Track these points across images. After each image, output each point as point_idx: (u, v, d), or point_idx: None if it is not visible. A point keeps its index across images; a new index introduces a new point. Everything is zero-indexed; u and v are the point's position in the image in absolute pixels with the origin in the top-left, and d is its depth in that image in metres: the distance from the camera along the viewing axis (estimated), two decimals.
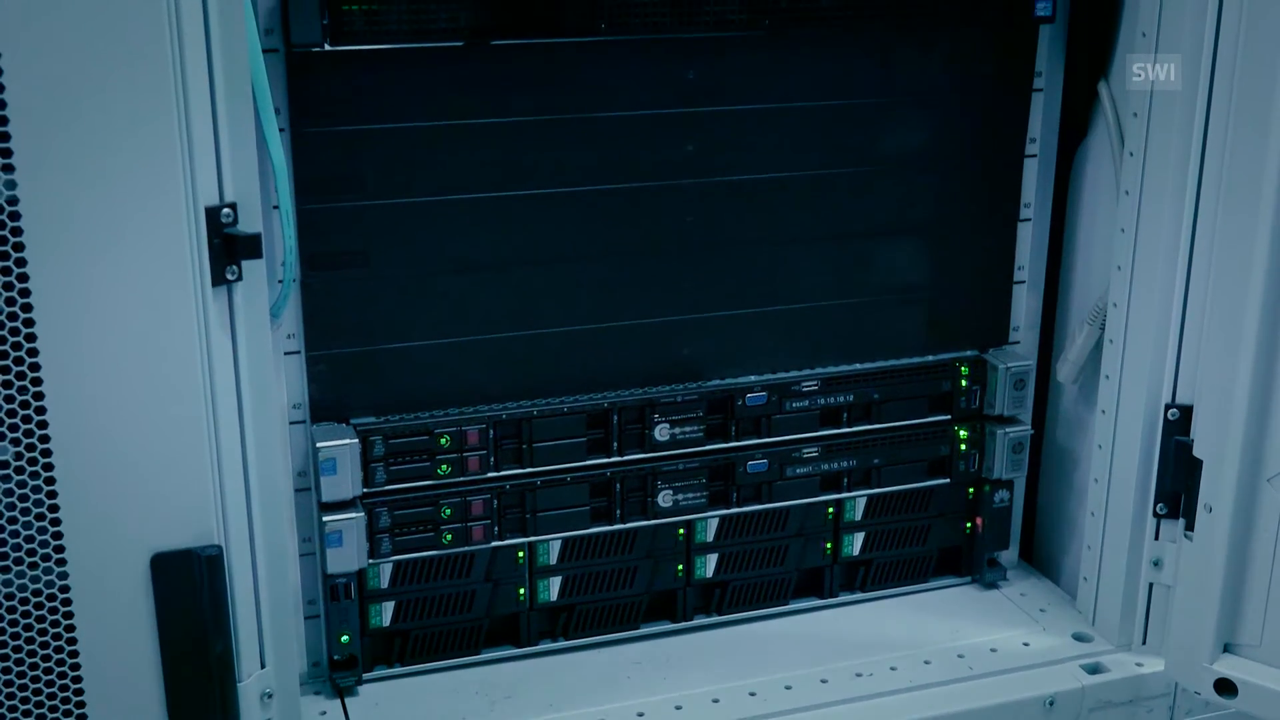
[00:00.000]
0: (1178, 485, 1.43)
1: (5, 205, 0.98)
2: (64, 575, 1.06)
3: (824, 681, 1.48)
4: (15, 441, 1.03)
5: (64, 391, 1.03)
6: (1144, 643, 1.52)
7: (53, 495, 1.04)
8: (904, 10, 1.44)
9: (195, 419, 1.08)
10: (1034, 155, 1.57)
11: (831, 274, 1.54)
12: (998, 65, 1.53)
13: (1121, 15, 1.46)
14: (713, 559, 1.56)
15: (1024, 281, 1.62)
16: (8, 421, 1.02)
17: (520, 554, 1.48)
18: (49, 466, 1.04)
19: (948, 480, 1.62)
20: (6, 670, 1.07)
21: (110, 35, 0.98)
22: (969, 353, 1.61)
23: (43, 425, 1.03)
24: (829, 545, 1.60)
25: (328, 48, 1.26)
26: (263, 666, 1.19)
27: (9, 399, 1.01)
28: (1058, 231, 1.62)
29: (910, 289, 1.58)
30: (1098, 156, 1.55)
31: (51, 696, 1.08)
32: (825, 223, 1.51)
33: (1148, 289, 1.43)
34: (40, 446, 1.03)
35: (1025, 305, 1.63)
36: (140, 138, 1.01)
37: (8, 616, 1.06)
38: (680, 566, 1.55)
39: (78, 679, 1.09)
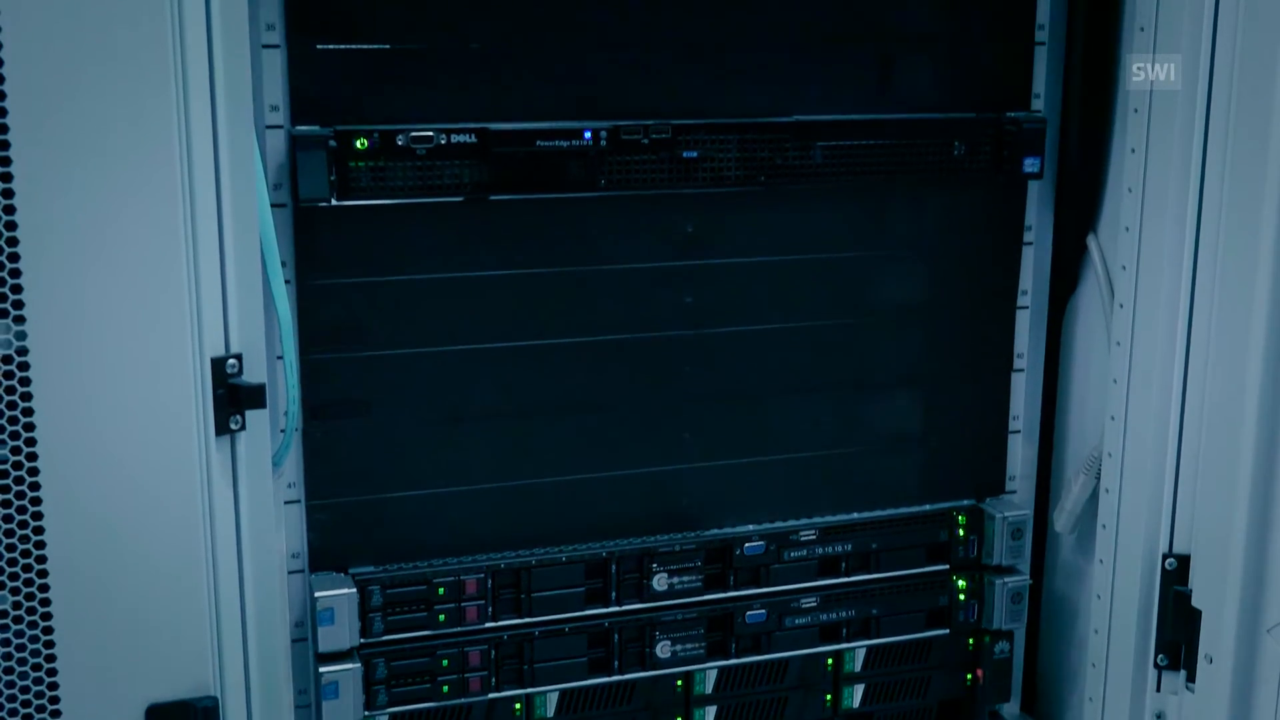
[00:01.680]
0: (1178, 635, 1.42)
1: (14, 355, 0.99)
2: None
3: None
4: (15, 590, 1.03)
5: (65, 539, 1.03)
6: None
7: (50, 645, 1.04)
8: (895, 167, 1.47)
9: (195, 569, 1.09)
10: (1025, 306, 1.59)
11: (828, 424, 1.55)
12: (988, 219, 1.56)
13: (1107, 171, 1.51)
14: (712, 711, 1.54)
15: (1019, 431, 1.63)
16: (8, 570, 1.02)
17: (518, 705, 1.47)
18: (47, 615, 1.04)
19: (947, 631, 1.61)
20: None
21: (124, 192, 1.01)
22: (966, 502, 1.61)
23: (43, 575, 1.03)
24: (829, 697, 1.59)
25: (334, 203, 1.30)
26: None
27: (9, 548, 1.02)
28: (1051, 381, 1.64)
29: (906, 438, 1.59)
30: (1089, 307, 1.58)
31: None
32: (821, 373, 1.53)
33: (1141, 439, 1.44)
34: (39, 595, 1.03)
35: (1021, 454, 1.64)
36: (150, 290, 1.03)
37: None
38: (679, 718, 1.53)
39: None
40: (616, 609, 1.48)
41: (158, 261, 1.03)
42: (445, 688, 1.43)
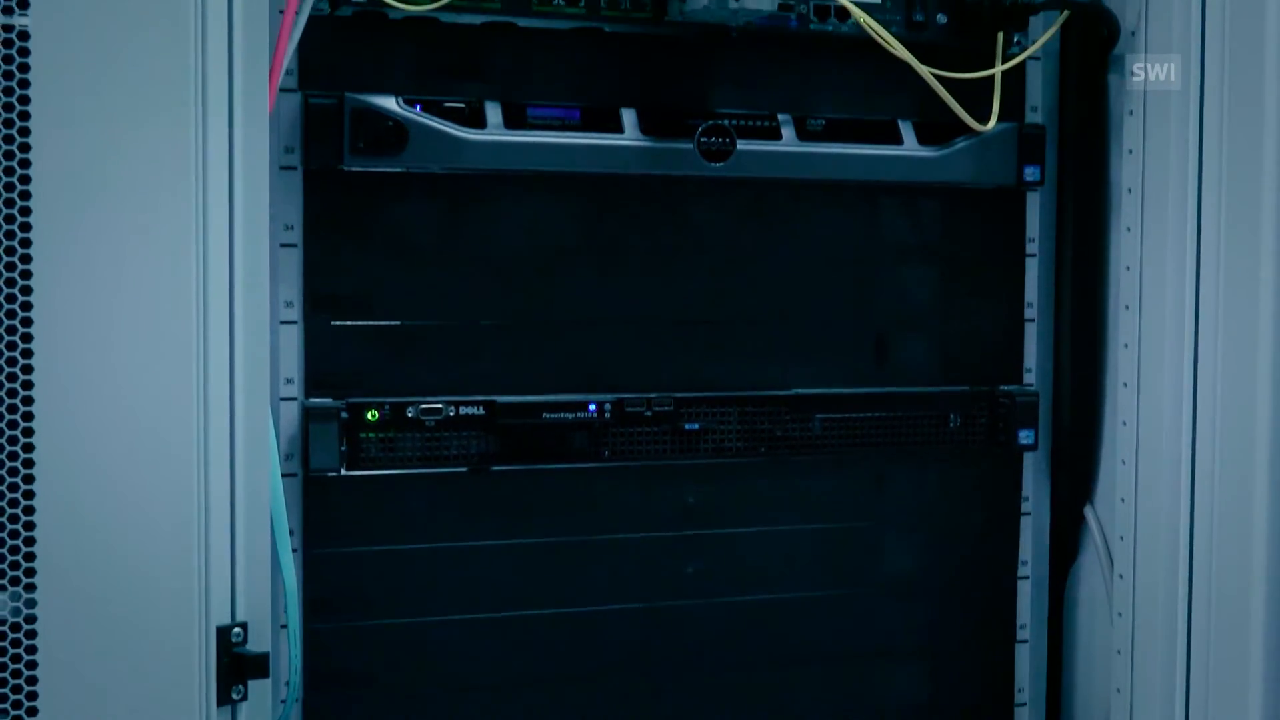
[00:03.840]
0: None
1: (23, 623, 1.00)
2: None
3: None
4: None
5: None
6: None
7: None
8: (893, 439, 1.51)
9: None
10: (1026, 577, 1.60)
11: (831, 697, 1.54)
12: (986, 491, 1.58)
13: (1100, 442, 1.54)
14: None
15: (1025, 704, 1.61)
16: None
17: None
18: None
19: None
20: None
21: (134, 460, 1.04)
22: None
23: None
24: None
25: (344, 473, 1.32)
26: None
27: None
28: (1055, 652, 1.63)
29: (911, 712, 1.57)
30: (1089, 577, 1.58)
31: None
32: (824, 645, 1.53)
33: (1148, 713, 1.42)
34: None
35: None
36: (162, 560, 1.04)
37: None
38: None
39: None
40: None
41: (171, 534, 1.05)
42: None
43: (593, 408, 1.39)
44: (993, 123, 1.46)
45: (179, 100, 1.03)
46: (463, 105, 1.35)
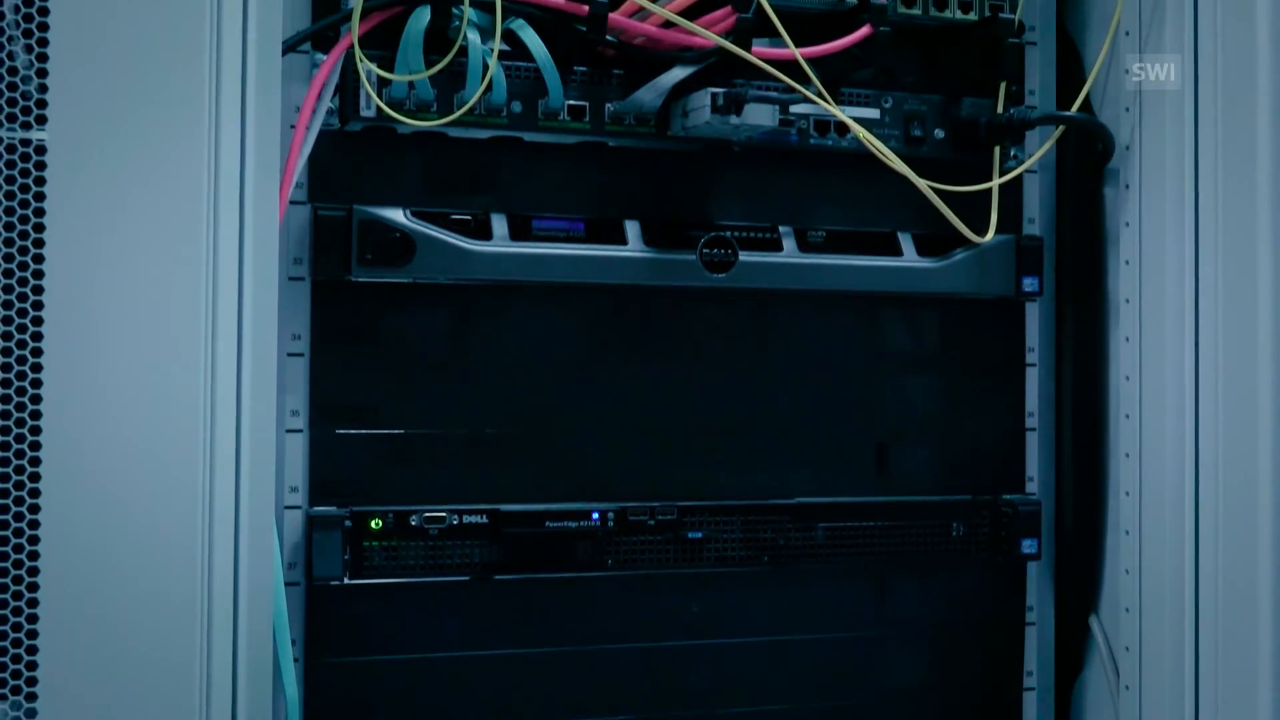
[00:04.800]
0: None
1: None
2: None
3: None
4: None
5: None
6: None
7: None
8: (896, 548, 1.50)
9: None
10: (1031, 688, 1.59)
11: None
12: (989, 600, 1.58)
13: (1104, 553, 1.54)
14: None
15: None
16: None
17: None
18: None
19: None
20: None
21: (136, 571, 1.04)
22: None
23: None
24: None
25: (347, 581, 1.32)
26: None
27: None
28: None
29: None
30: (1096, 688, 1.57)
31: None
32: None
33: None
34: None
35: None
36: (163, 669, 1.04)
37: None
38: None
39: None
40: None
41: (172, 644, 1.04)
42: None
43: (596, 516, 1.40)
44: (991, 235, 1.48)
45: (192, 212, 1.05)
46: (469, 217, 1.37)
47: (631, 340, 1.45)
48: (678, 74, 1.37)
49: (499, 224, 1.37)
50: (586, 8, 1.31)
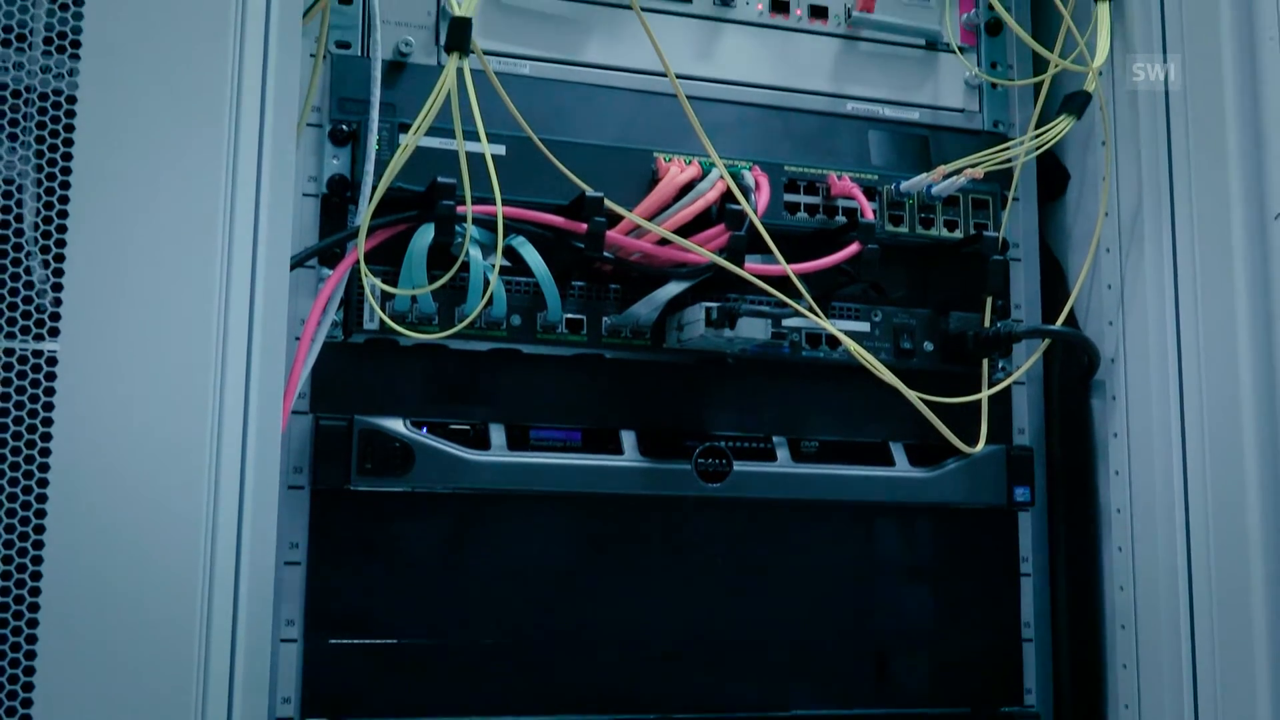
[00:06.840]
0: None
1: None
2: None
3: None
4: None
5: None
6: None
7: None
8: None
9: None
10: None
11: None
12: None
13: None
14: None
15: None
16: None
17: None
18: None
19: None
20: None
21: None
22: None
23: None
24: None
25: None
26: None
27: None
28: None
29: None
30: None
31: None
32: None
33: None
34: None
35: None
36: None
37: None
38: None
39: None
40: None
41: None
42: None
43: None
44: (982, 445, 1.51)
45: (197, 423, 1.06)
46: (468, 427, 1.39)
47: (627, 550, 1.46)
48: (673, 289, 1.41)
49: (497, 434, 1.39)
50: (585, 226, 1.35)
